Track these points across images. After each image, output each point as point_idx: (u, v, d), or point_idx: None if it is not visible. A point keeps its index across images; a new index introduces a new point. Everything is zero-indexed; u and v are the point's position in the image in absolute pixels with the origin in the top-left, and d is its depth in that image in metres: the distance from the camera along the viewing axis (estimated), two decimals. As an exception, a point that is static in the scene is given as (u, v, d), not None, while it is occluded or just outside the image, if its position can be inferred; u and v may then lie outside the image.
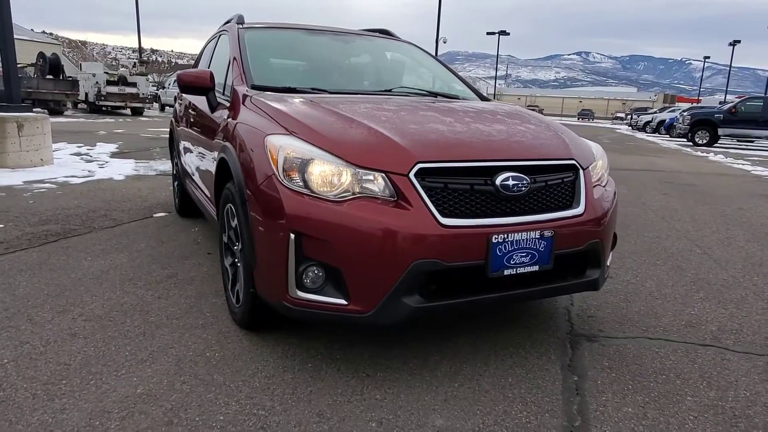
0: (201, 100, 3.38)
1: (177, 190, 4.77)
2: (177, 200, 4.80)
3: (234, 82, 2.93)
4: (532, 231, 2.08)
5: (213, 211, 3.07)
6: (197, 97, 3.55)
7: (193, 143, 3.71)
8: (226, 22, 3.83)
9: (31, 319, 2.53)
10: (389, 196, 1.98)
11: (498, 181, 2.05)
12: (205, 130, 3.28)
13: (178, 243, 3.89)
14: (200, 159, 3.46)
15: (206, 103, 3.22)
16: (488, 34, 55.06)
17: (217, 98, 3.13)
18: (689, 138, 19.67)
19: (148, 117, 21.90)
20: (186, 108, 4.13)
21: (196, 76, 3.01)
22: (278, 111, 2.38)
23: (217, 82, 3.14)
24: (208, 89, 3.06)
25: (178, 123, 4.49)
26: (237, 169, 2.35)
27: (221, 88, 3.18)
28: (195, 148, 3.66)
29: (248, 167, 2.25)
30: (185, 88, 3.04)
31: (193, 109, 3.79)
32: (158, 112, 26.49)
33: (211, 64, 3.84)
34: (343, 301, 1.99)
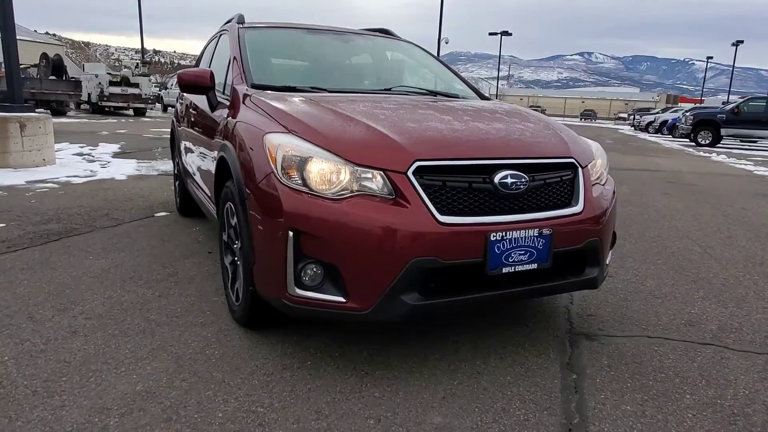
0: (201, 100, 3.39)
1: (178, 189, 4.78)
2: (178, 200, 4.82)
3: (234, 82, 2.94)
4: (531, 229, 2.08)
5: (213, 210, 3.08)
6: (198, 97, 3.56)
7: (194, 142, 3.73)
8: (227, 22, 3.84)
9: (32, 317, 2.54)
10: (388, 194, 1.98)
11: (497, 179, 2.06)
12: (206, 129, 3.29)
13: (179, 242, 3.90)
14: (201, 158, 3.47)
15: (206, 102, 3.23)
16: (490, 34, 55.05)
17: (217, 97, 3.14)
18: (692, 138, 19.63)
19: (150, 118, 21.95)
20: (187, 108, 4.14)
21: (196, 75, 3.02)
22: (277, 109, 2.39)
23: (217, 82, 3.15)
24: (208, 88, 3.07)
25: (179, 123, 4.50)
26: (236, 167, 2.36)
27: (221, 87, 3.19)
28: (195, 148, 3.67)
29: (247, 166, 2.26)
30: (186, 87, 3.05)
31: (194, 108, 3.80)
32: (161, 113, 26.55)
33: (211, 64, 3.85)
34: (341, 299, 2.00)
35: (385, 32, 4.14)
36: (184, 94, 4.19)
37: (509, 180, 2.07)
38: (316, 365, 2.19)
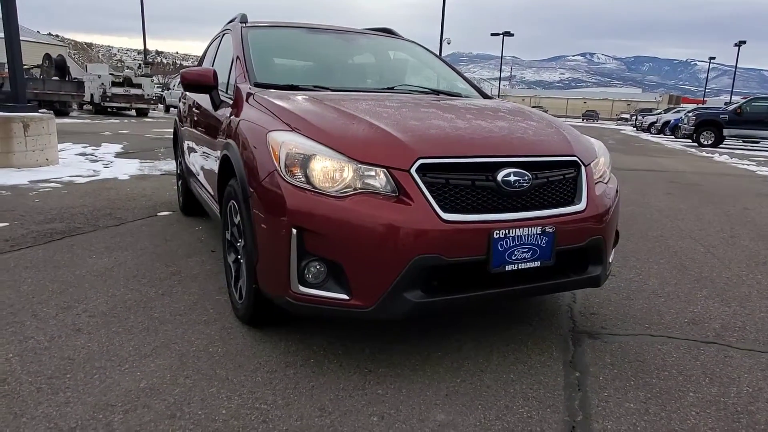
0: (204, 99, 3.40)
1: (181, 189, 4.79)
2: (181, 199, 4.83)
3: (237, 80, 2.95)
4: (534, 227, 2.08)
5: (216, 209, 3.09)
6: (201, 96, 3.57)
7: (197, 142, 3.73)
8: (230, 22, 3.85)
9: (36, 314, 2.55)
10: (391, 191, 1.99)
11: (499, 177, 2.06)
12: (209, 128, 3.30)
13: (182, 241, 3.91)
14: (204, 157, 3.48)
15: (209, 101, 3.23)
16: (492, 35, 55.01)
17: (220, 96, 3.15)
18: (694, 139, 19.58)
19: (153, 118, 21.98)
20: (190, 107, 4.15)
21: (199, 74, 3.02)
22: (280, 108, 2.39)
23: (220, 81, 3.16)
24: (211, 87, 3.07)
25: (182, 122, 4.51)
26: (240, 165, 2.36)
27: (224, 86, 3.20)
28: (199, 147, 3.68)
29: (251, 164, 2.26)
30: (189, 86, 3.06)
31: (197, 107, 3.81)
32: (163, 113, 26.59)
33: (214, 63, 3.86)
34: (344, 296, 2.00)
35: (387, 32, 4.15)
36: (187, 93, 4.19)
37: (512, 178, 2.07)
38: (319, 363, 2.20)
